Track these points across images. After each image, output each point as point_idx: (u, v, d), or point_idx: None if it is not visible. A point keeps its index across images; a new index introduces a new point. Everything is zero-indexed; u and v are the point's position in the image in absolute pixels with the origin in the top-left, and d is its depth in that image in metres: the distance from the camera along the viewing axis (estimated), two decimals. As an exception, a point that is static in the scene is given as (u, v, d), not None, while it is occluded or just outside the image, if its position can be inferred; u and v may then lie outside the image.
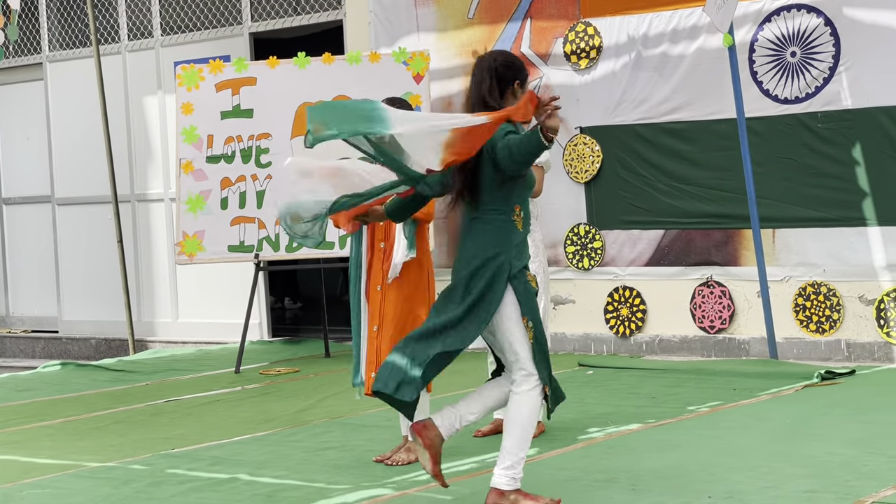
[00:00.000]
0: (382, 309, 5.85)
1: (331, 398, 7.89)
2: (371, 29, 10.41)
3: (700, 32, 8.84)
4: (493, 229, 4.77)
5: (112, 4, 11.99)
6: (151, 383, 9.12)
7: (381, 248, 5.88)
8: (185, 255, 9.48)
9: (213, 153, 9.57)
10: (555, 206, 9.45)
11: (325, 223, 5.32)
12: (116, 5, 11.96)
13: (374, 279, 5.90)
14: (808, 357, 8.55)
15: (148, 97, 11.79)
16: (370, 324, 5.88)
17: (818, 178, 8.52)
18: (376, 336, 5.84)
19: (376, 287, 5.86)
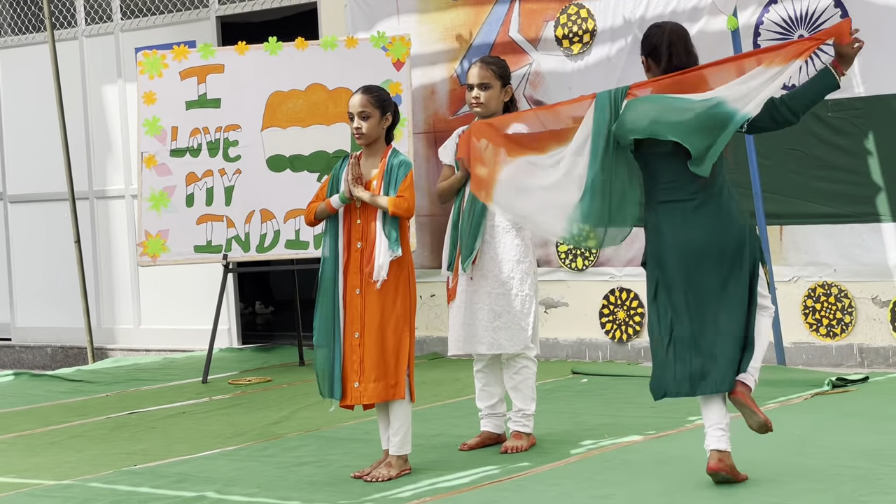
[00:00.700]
0: (363, 314, 5.83)
1: (305, 409, 7.88)
2: (347, 12, 10.40)
3: (701, 14, 8.85)
4: (734, 200, 5.38)
5: (68, -14, 11.96)
6: (112, 394, 9.10)
7: (357, 248, 5.87)
8: (147, 256, 9.46)
9: (178, 146, 9.55)
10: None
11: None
12: (73, -13, 11.94)
13: (351, 282, 5.88)
14: (818, 363, 8.57)
15: (107, 86, 11.76)
16: (349, 330, 5.86)
17: (828, 171, 8.54)
18: (359, 344, 5.82)
19: (354, 291, 5.85)
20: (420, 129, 9.99)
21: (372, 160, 5.93)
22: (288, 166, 9.51)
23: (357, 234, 5.88)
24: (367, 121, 5.85)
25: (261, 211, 9.51)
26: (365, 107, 5.85)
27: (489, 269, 6.20)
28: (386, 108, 5.90)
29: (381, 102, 5.89)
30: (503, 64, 6.36)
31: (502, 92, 6.27)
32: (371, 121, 5.86)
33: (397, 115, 5.97)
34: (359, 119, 5.86)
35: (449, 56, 9.91)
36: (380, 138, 5.92)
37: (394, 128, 5.97)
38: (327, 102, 9.52)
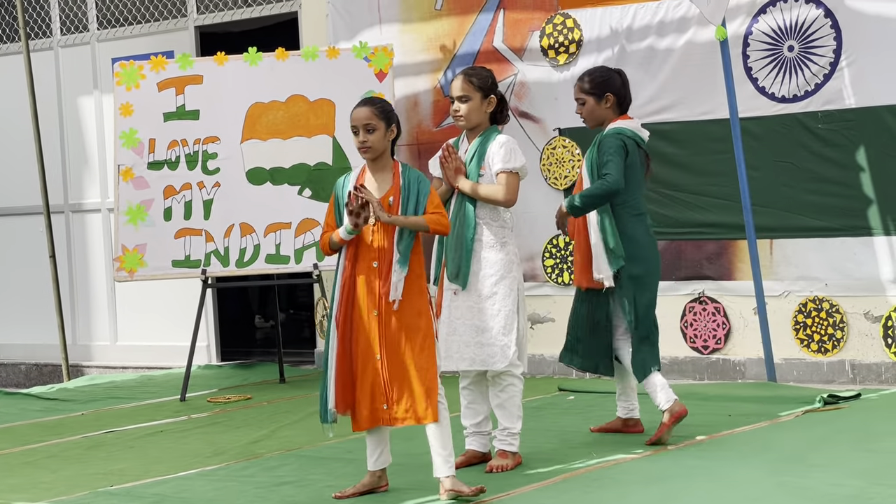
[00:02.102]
0: (384, 335, 5.66)
1: (286, 428, 7.86)
2: (329, 22, 10.41)
3: (689, 25, 8.88)
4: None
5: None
6: (88, 413, 9.07)
7: (373, 267, 5.67)
8: (124, 271, 9.43)
9: (156, 159, 9.53)
10: (531, 215, 9.46)
11: None
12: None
13: (367, 303, 5.69)
14: (809, 380, 8.58)
15: (83, 97, 11.74)
16: (366, 353, 5.66)
17: (819, 184, 8.57)
18: (381, 366, 5.64)
19: (371, 312, 5.66)
20: (403, 141, 9.99)
21: (381, 175, 5.76)
22: (268, 179, 9.50)
23: (372, 253, 5.69)
24: (373, 133, 5.69)
25: (240, 225, 9.49)
26: (370, 119, 5.69)
27: (471, 284, 6.20)
28: (391, 119, 5.74)
29: (385, 114, 5.73)
30: (485, 74, 6.36)
31: (484, 103, 6.27)
32: (377, 133, 5.69)
33: (399, 127, 5.83)
34: (364, 132, 5.69)
35: (432, 66, 9.93)
36: (386, 151, 5.76)
37: (397, 140, 5.86)
38: (308, 114, 9.52)
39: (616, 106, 6.81)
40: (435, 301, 6.28)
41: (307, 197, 9.46)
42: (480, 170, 6.23)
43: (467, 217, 6.18)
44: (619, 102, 6.81)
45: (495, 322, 6.16)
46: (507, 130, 9.68)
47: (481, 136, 6.30)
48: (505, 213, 6.27)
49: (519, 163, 6.26)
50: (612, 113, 6.82)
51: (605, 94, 6.79)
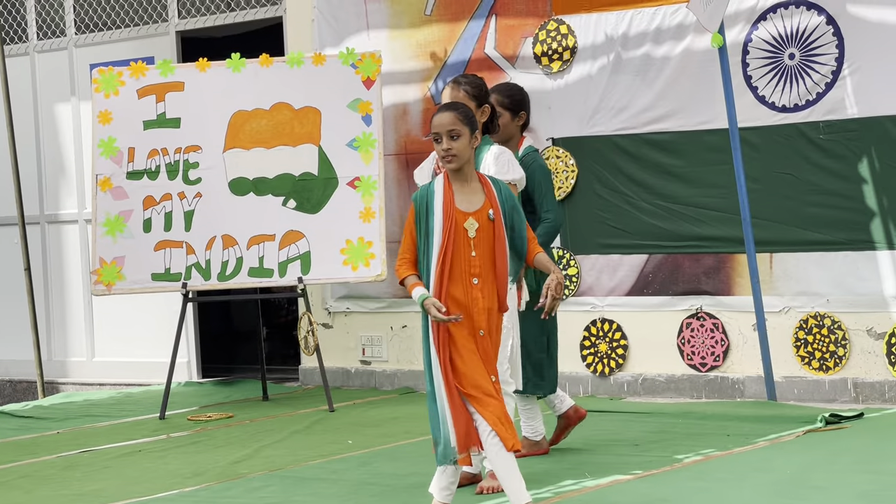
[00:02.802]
0: (486, 356, 5.44)
1: (269, 447, 7.85)
2: (315, 27, 10.41)
3: (687, 32, 8.90)
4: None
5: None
6: (64, 431, 9.05)
7: (474, 284, 5.42)
8: (102, 284, 9.42)
9: (135, 168, 9.52)
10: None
11: None
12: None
13: (473, 323, 5.44)
14: (810, 398, 8.58)
15: (60, 104, 11.73)
16: (479, 376, 5.38)
17: (821, 196, 8.58)
18: (495, 388, 5.39)
19: (478, 332, 5.41)
20: (391, 150, 10.00)
21: (468, 186, 5.50)
22: (251, 189, 9.50)
23: (473, 268, 5.44)
24: (458, 140, 5.46)
25: (222, 237, 9.48)
26: (454, 125, 5.46)
27: None
28: (474, 125, 5.52)
29: (469, 119, 5.51)
30: (477, 83, 6.36)
31: (478, 112, 6.27)
32: (462, 140, 5.46)
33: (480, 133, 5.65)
34: (448, 139, 5.45)
35: (422, 74, 9.93)
36: (471, 160, 5.53)
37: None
38: (293, 122, 9.52)
39: (522, 126, 6.96)
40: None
41: (292, 208, 9.46)
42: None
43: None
44: (526, 122, 6.96)
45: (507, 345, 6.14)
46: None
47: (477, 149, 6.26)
48: None
49: (517, 174, 6.25)
50: (519, 132, 6.91)
51: (521, 111, 6.87)
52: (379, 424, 8.45)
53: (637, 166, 9.13)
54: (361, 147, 9.42)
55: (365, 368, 10.36)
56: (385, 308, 10.19)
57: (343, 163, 9.44)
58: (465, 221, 5.41)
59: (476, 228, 5.42)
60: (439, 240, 5.41)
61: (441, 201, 5.45)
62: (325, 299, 10.49)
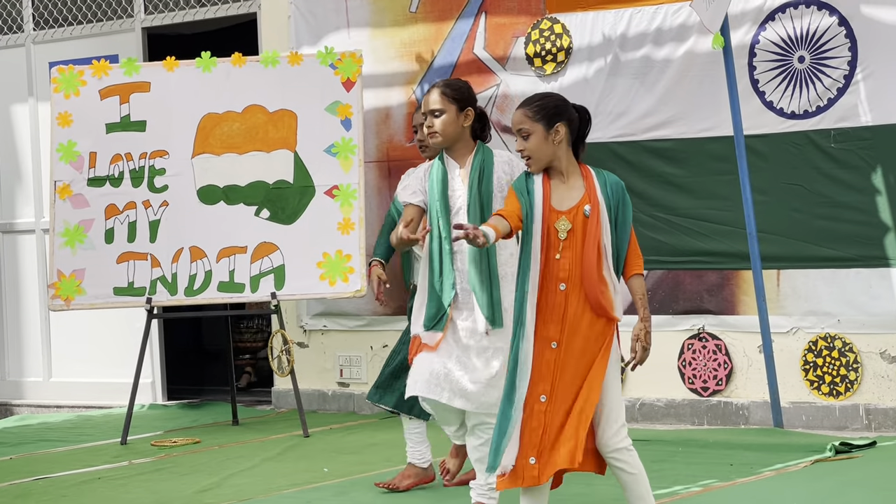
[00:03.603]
0: (556, 373, 5.34)
1: (238, 475, 7.84)
2: (291, 24, 10.42)
3: (690, 33, 8.93)
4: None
5: (-27, -9, 11.93)
6: (17, 457, 9.03)
7: (560, 290, 5.34)
8: (60, 299, 9.40)
9: (97, 174, 9.52)
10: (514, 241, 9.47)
11: None
12: (-21, -8, 11.91)
13: (547, 329, 5.36)
14: (819, 426, 8.60)
15: (16, 105, 11.72)
16: (534, 389, 5.35)
17: (832, 209, 8.60)
18: (545, 410, 5.33)
19: (551, 343, 5.34)
20: (372, 157, 10.01)
21: (568, 182, 5.43)
22: (222, 198, 9.50)
23: (562, 272, 5.35)
24: (528, 139, 5.40)
25: (190, 249, 9.48)
26: (523, 123, 5.42)
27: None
28: (552, 120, 5.38)
29: (546, 111, 5.40)
30: (458, 85, 6.28)
31: (461, 116, 6.19)
32: (535, 137, 5.40)
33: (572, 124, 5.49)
34: (521, 139, 5.42)
35: (406, 76, 9.94)
36: (559, 155, 5.41)
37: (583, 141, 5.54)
38: (267, 126, 9.52)
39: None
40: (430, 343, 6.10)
41: (265, 218, 9.46)
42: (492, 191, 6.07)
43: (490, 247, 5.85)
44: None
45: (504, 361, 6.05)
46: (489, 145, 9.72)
47: (478, 154, 6.16)
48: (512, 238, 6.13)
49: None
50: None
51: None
52: (357, 451, 8.44)
53: (636, 176, 9.14)
54: (340, 153, 9.43)
55: (342, 391, 10.36)
56: (365, 326, 10.19)
57: (320, 170, 9.44)
58: (556, 221, 5.36)
59: (567, 229, 5.34)
60: (538, 244, 5.36)
61: (540, 200, 5.39)
62: (300, 316, 10.49)
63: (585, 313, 5.32)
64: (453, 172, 6.12)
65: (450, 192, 6.07)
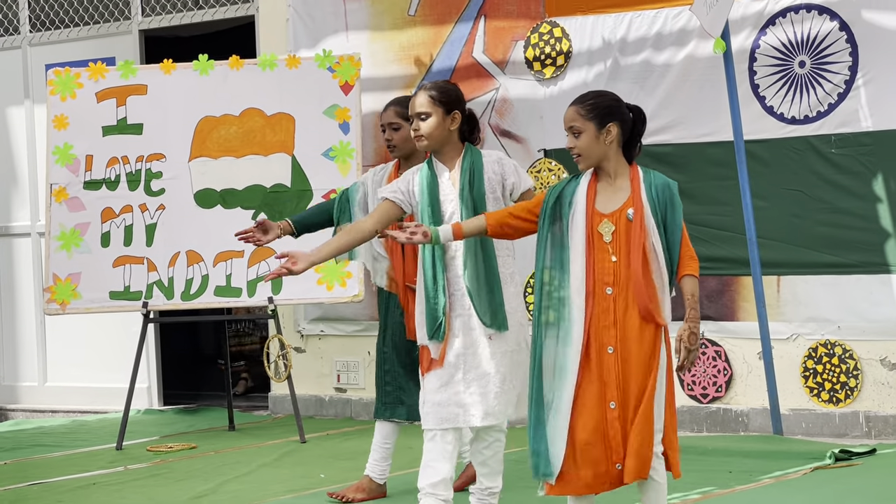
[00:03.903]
0: (620, 377, 5.26)
1: (235, 481, 7.83)
2: (289, 27, 10.42)
3: (690, 37, 8.93)
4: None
5: (-30, -7, 11.93)
6: (11, 462, 9.02)
7: (607, 294, 5.28)
8: (55, 303, 9.40)
9: (93, 178, 9.51)
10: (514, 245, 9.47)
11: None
12: (-25, -6, 11.90)
13: (602, 338, 5.29)
14: (819, 433, 8.60)
15: (12, 108, 11.71)
16: (594, 395, 5.26)
17: (832, 215, 8.60)
18: (618, 416, 5.25)
19: (607, 349, 5.26)
20: (370, 160, 10.00)
21: (615, 184, 5.42)
22: (219, 202, 9.50)
23: (608, 275, 5.29)
24: (579, 137, 5.40)
25: (187, 253, 9.48)
26: (574, 121, 5.39)
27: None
28: (604, 119, 5.34)
29: (598, 110, 5.36)
30: (445, 88, 6.20)
31: (447, 119, 6.13)
32: (586, 136, 5.38)
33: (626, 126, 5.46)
34: (572, 136, 5.42)
35: (405, 80, 9.94)
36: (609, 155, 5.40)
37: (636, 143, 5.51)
38: (265, 129, 9.52)
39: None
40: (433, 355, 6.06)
41: (262, 222, 9.45)
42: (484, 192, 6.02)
43: (487, 249, 5.95)
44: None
45: (521, 369, 6.02)
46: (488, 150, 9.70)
47: (466, 156, 6.08)
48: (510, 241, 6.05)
49: (531, 180, 6.18)
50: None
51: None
52: (354, 457, 8.43)
53: (635, 181, 9.13)
54: (338, 157, 9.43)
55: (340, 396, 10.35)
56: (362, 331, 10.18)
57: (318, 174, 9.44)
58: (600, 224, 5.32)
59: (612, 232, 5.30)
60: (581, 246, 5.32)
61: (583, 202, 5.37)
62: (297, 321, 10.48)
63: (634, 318, 5.25)
64: (442, 177, 6.05)
65: (441, 196, 6.02)
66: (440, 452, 5.96)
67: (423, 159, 6.46)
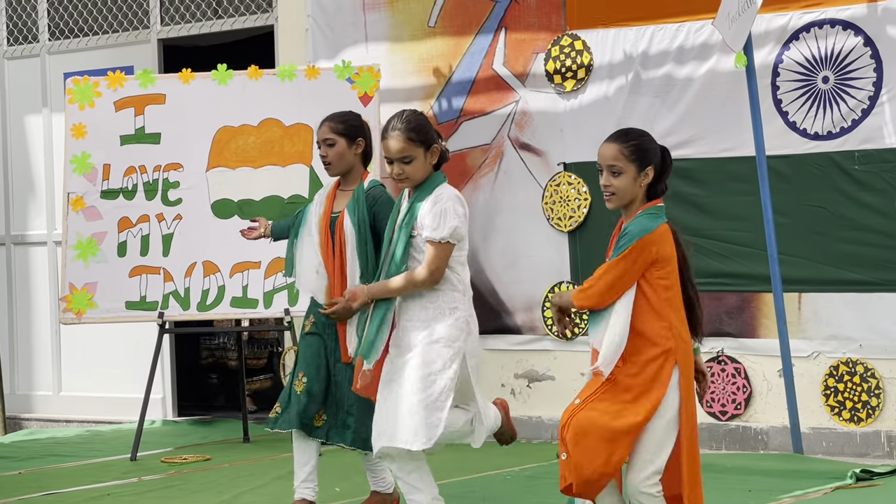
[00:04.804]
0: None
1: (249, 493, 7.83)
2: (309, 37, 10.43)
3: (712, 51, 8.92)
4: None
5: (-11, 0, 11.97)
6: (25, 472, 9.03)
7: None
8: (71, 312, 9.41)
9: (110, 187, 9.53)
10: (533, 261, 9.46)
11: None
12: (-6, 1, 11.94)
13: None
14: (840, 452, 8.57)
15: (30, 116, 11.74)
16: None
17: (855, 232, 8.58)
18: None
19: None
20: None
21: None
22: (236, 212, 9.50)
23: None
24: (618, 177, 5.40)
25: (203, 263, 9.48)
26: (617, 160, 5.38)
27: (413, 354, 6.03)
28: (652, 158, 5.40)
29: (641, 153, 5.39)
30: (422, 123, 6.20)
31: (428, 155, 6.16)
32: (626, 177, 5.38)
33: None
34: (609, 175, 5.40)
35: (425, 91, 9.94)
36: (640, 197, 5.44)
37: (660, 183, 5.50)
38: (283, 140, 9.53)
39: (363, 156, 6.99)
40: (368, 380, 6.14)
41: (279, 233, 9.45)
42: (412, 231, 6.10)
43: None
44: (367, 152, 7.00)
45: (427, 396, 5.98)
46: (507, 164, 9.71)
47: (419, 189, 6.17)
48: (453, 273, 6.08)
49: (446, 231, 6.05)
50: (360, 163, 6.95)
51: (358, 138, 6.88)
52: (369, 471, 8.42)
53: (655, 195, 9.12)
54: (356, 169, 9.43)
55: (355, 409, 10.33)
56: (379, 344, 10.15)
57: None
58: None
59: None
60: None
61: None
62: (313, 333, 10.46)
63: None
64: (403, 203, 6.27)
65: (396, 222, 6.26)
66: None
67: (359, 178, 6.64)
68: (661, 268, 5.35)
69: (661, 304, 5.35)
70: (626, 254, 5.28)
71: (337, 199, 6.88)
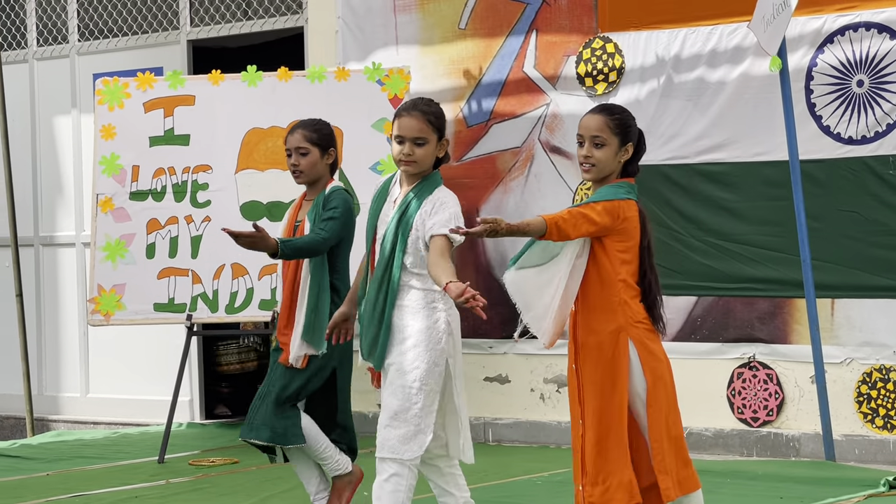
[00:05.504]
0: (581, 395, 5.49)
1: (276, 497, 7.84)
2: (339, 39, 10.44)
3: (746, 54, 8.90)
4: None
5: (18, 0, 12.01)
6: (53, 474, 9.06)
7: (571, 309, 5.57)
8: (99, 314, 9.44)
9: (139, 188, 9.56)
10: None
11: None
12: (24, 2, 11.98)
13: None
14: (872, 459, 8.54)
15: (59, 117, 11.78)
16: (573, 418, 5.46)
17: (889, 238, 8.55)
18: (581, 435, 5.41)
19: (571, 365, 5.53)
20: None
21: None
22: (265, 214, 9.51)
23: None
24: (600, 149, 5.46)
25: (232, 265, 9.50)
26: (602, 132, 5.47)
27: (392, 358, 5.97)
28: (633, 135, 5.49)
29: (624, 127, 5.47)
30: (441, 112, 6.07)
31: (438, 147, 5.97)
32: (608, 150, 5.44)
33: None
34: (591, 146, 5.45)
35: (455, 94, 9.95)
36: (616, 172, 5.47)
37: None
38: (312, 142, 9.54)
39: (331, 166, 6.99)
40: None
41: (308, 236, 9.47)
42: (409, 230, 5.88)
43: (392, 280, 5.88)
44: (335, 162, 6.98)
45: (412, 402, 5.91)
46: (538, 167, 9.71)
47: (422, 182, 5.94)
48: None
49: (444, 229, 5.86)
50: (328, 172, 6.96)
51: (330, 147, 6.91)
52: (397, 475, 8.42)
53: (687, 199, 9.12)
54: (386, 171, 9.43)
55: (383, 413, 10.33)
56: (407, 348, 10.16)
57: (366, 187, 9.40)
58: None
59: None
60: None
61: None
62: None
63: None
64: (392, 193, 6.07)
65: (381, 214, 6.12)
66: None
67: (324, 186, 6.62)
68: (623, 241, 5.33)
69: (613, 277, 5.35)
70: (594, 203, 5.31)
71: (302, 209, 6.93)
